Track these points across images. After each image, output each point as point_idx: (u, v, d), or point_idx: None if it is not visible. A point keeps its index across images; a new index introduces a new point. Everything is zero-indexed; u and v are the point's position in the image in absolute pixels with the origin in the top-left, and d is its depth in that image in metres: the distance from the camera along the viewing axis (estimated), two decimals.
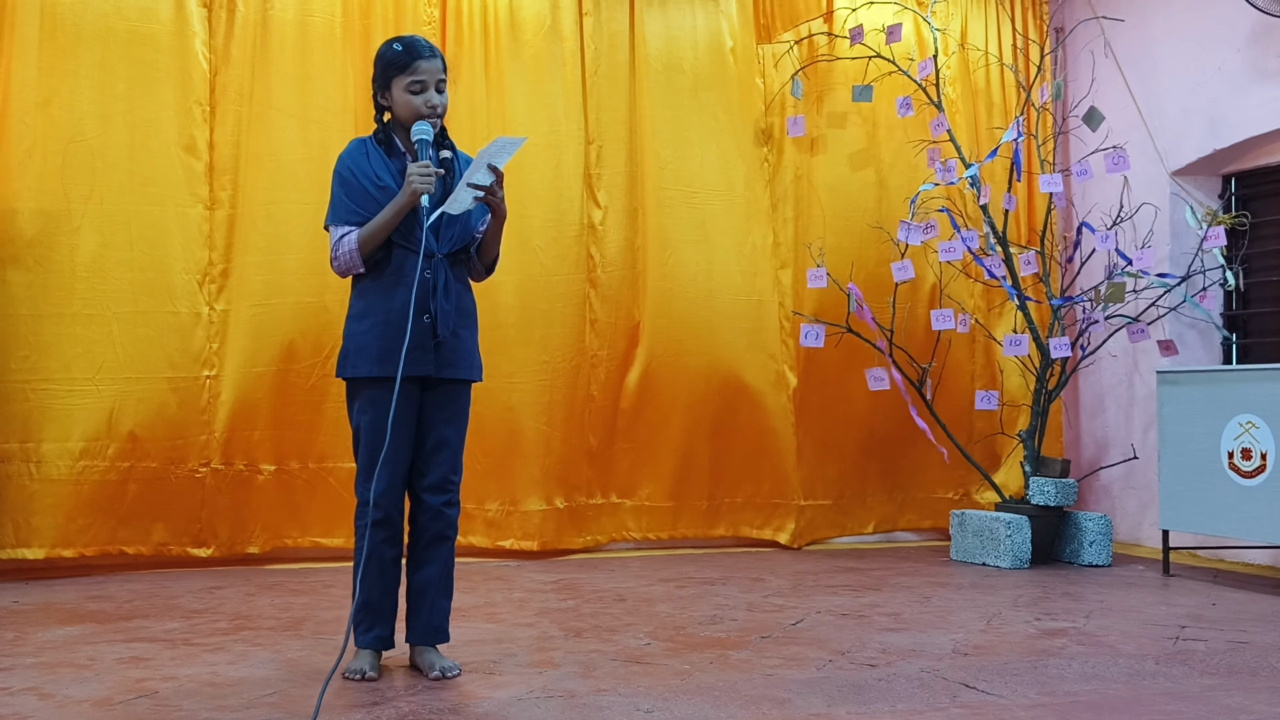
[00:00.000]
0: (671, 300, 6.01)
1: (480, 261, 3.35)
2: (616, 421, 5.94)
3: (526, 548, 5.67)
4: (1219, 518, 5.03)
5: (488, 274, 3.40)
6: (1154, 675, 3.29)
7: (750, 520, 6.15)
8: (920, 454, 6.33)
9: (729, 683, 3.15)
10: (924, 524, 6.49)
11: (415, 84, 3.15)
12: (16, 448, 5.02)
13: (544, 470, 5.75)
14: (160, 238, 5.24)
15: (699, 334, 6.04)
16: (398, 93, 3.17)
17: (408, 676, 3.21)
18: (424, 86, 3.16)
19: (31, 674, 3.21)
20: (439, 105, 3.19)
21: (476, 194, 3.08)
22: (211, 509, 5.24)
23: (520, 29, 5.86)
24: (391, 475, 3.14)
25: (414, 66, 3.14)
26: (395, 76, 3.17)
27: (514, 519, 5.70)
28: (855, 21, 6.29)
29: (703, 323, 6.05)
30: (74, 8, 5.17)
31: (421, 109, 3.16)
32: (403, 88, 3.16)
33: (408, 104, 3.16)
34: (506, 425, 5.70)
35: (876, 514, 6.42)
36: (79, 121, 5.16)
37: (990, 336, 6.45)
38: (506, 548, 5.66)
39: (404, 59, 3.15)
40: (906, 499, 6.47)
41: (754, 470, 6.12)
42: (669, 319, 6.00)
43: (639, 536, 5.98)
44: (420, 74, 3.15)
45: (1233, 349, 6.09)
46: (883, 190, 6.41)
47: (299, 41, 5.48)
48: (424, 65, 3.15)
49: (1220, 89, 5.89)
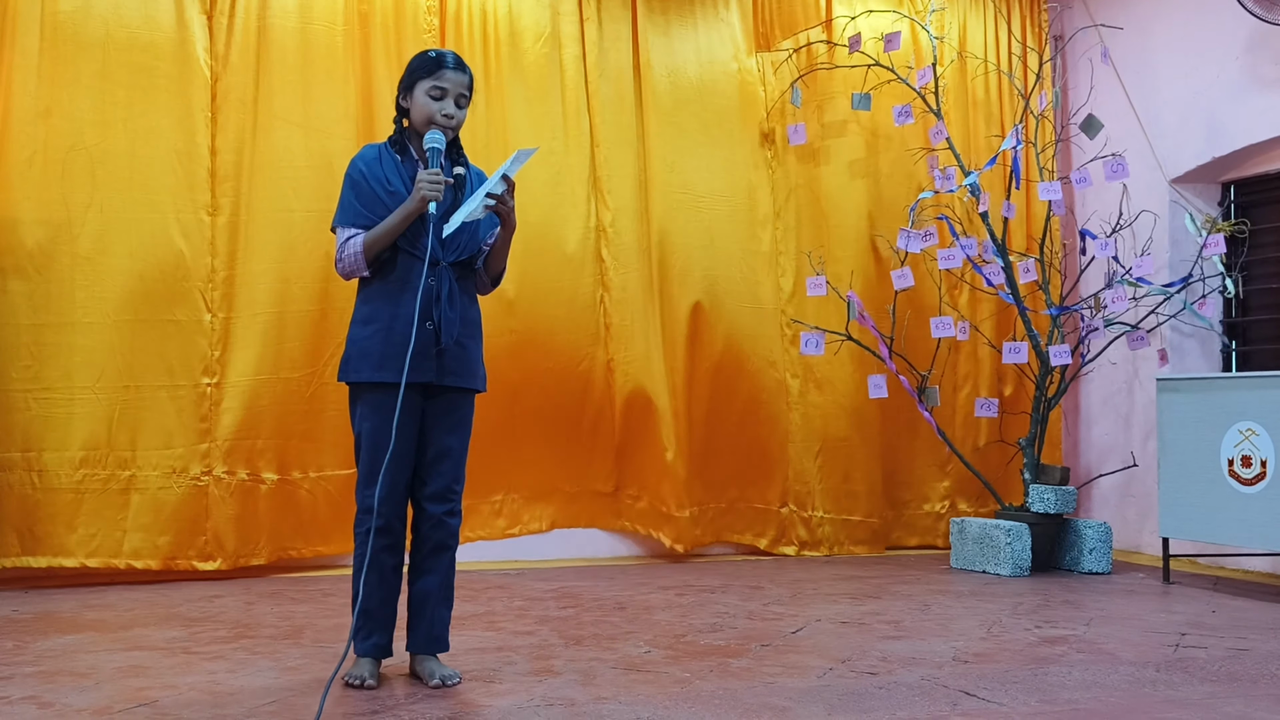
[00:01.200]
0: (679, 306, 6.03)
1: (487, 273, 3.35)
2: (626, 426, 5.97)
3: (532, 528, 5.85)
4: (1219, 525, 5.03)
5: (494, 286, 3.40)
6: (1154, 683, 3.29)
7: (753, 529, 6.16)
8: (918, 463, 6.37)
9: (729, 691, 3.15)
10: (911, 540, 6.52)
11: (436, 90, 3.17)
12: (18, 457, 5.01)
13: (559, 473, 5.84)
14: (161, 246, 5.24)
15: (707, 339, 6.08)
16: (418, 95, 3.19)
17: (408, 685, 3.21)
18: (444, 94, 3.18)
19: (31, 683, 3.20)
20: (455, 117, 3.20)
21: (488, 202, 3.09)
22: (214, 518, 5.23)
23: (520, 37, 5.88)
24: (393, 483, 3.13)
25: (440, 74, 3.17)
26: (420, 79, 3.19)
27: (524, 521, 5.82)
28: (854, 30, 6.31)
29: (708, 329, 6.08)
30: (74, 16, 5.17)
31: (436, 116, 3.17)
32: (424, 91, 3.18)
33: (425, 108, 3.18)
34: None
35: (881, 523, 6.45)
36: (79, 129, 5.16)
37: (990, 344, 6.45)
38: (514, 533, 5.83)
39: (432, 65, 3.18)
40: (897, 517, 6.48)
41: (762, 475, 6.14)
42: (676, 325, 6.01)
43: (657, 538, 5.99)
44: (444, 81, 3.17)
45: (1232, 356, 6.10)
46: (882, 198, 6.42)
47: (300, 49, 5.49)
48: (449, 75, 3.18)
49: (1219, 96, 5.90)
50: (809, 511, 6.21)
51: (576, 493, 5.92)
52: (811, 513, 6.20)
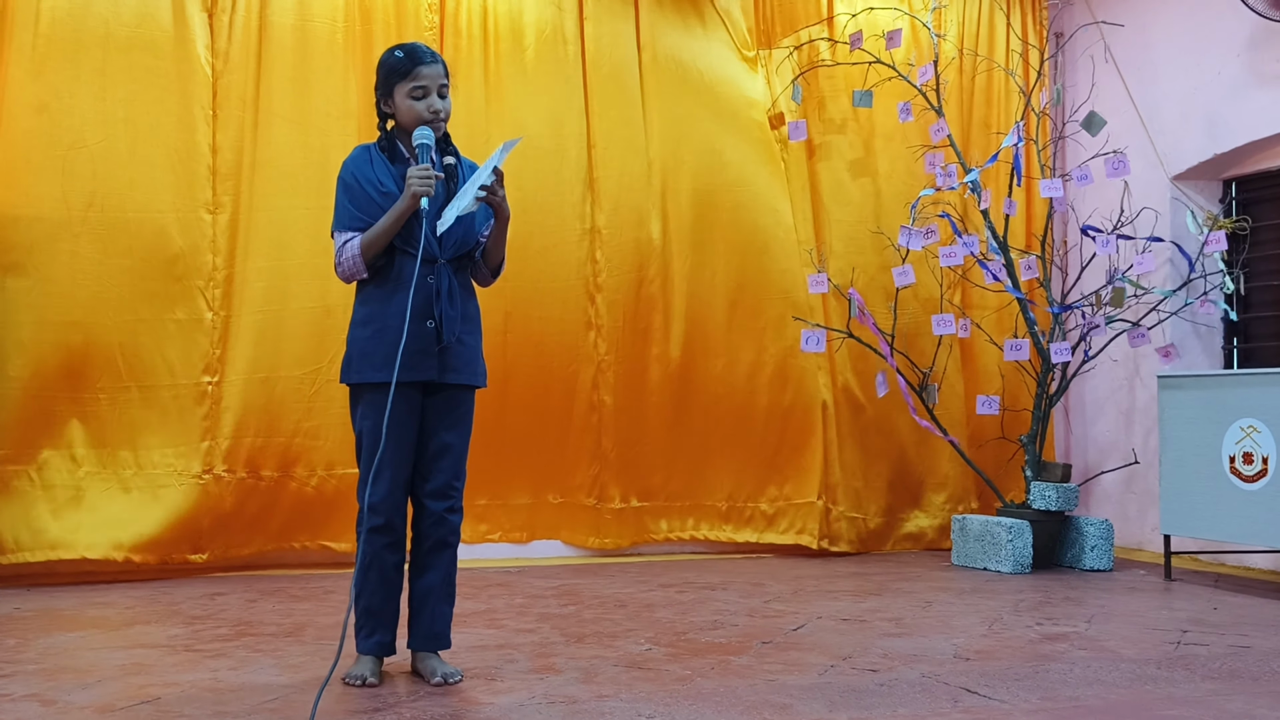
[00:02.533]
0: (682, 303, 6.03)
1: (486, 265, 3.35)
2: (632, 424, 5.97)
3: (517, 539, 5.82)
4: (1220, 522, 5.03)
5: (494, 277, 3.39)
6: (1156, 680, 3.29)
7: (775, 525, 6.14)
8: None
9: (730, 688, 3.15)
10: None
11: (417, 89, 3.16)
12: (17, 454, 5.01)
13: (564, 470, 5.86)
14: (162, 244, 5.24)
15: (708, 337, 6.08)
16: (400, 99, 3.18)
17: (409, 682, 3.21)
18: (426, 92, 3.16)
19: (33, 680, 3.21)
20: (441, 110, 3.19)
21: (479, 194, 3.08)
22: (214, 516, 5.23)
23: (521, 34, 5.87)
24: (393, 481, 3.13)
25: (416, 72, 3.15)
26: (398, 83, 3.17)
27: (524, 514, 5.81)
28: (855, 27, 6.30)
29: (714, 325, 6.08)
30: (73, 13, 5.17)
31: (424, 114, 3.16)
32: (405, 94, 3.16)
33: (410, 110, 3.17)
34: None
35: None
36: (79, 128, 5.16)
37: (991, 341, 6.44)
38: (495, 539, 5.81)
39: (405, 65, 3.16)
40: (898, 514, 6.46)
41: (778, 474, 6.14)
42: (681, 322, 6.02)
43: (660, 539, 5.99)
44: (422, 79, 3.15)
45: (1234, 353, 6.10)
46: (883, 195, 6.42)
47: (300, 46, 5.49)
48: (426, 71, 3.16)
49: (1220, 93, 5.89)
50: (824, 506, 6.17)
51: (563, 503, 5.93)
52: (835, 507, 6.17)
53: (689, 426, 6.04)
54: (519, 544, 5.83)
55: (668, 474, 6.01)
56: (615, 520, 5.89)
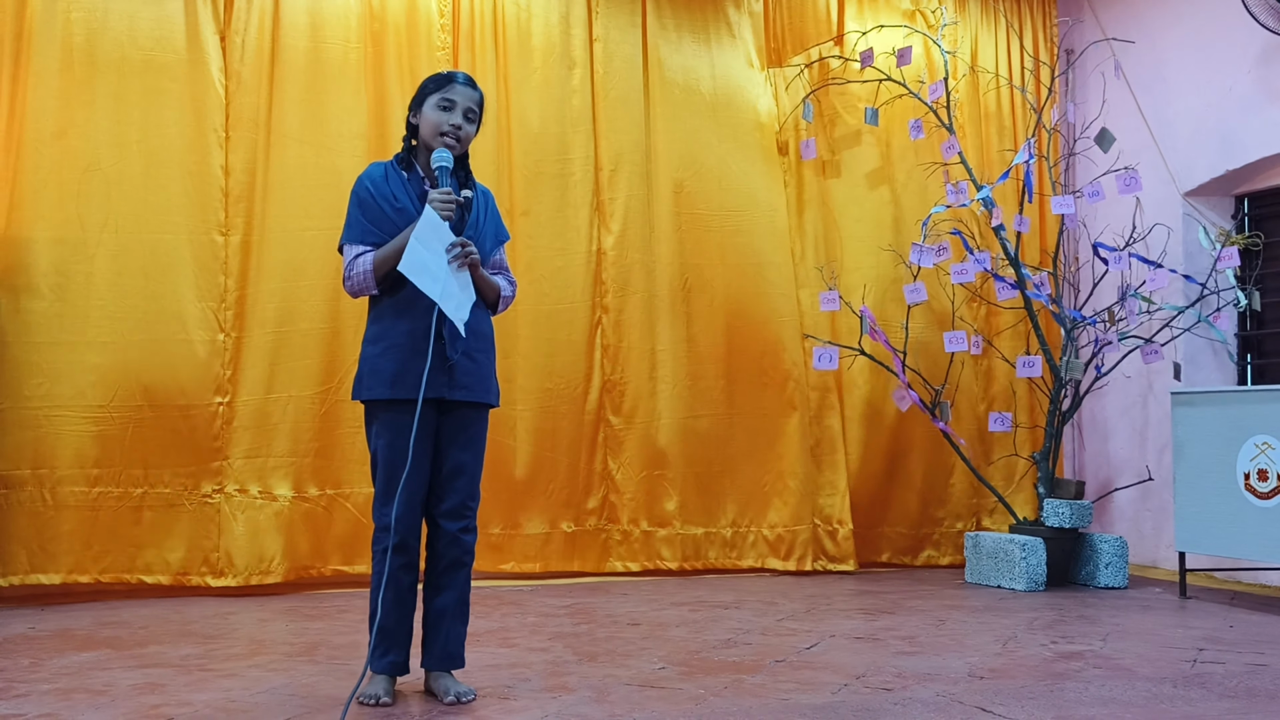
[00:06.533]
0: (688, 322, 6.04)
1: (485, 302, 3.34)
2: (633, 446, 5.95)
3: (529, 570, 5.75)
4: (1236, 539, 5.01)
5: (495, 311, 3.39)
6: (1171, 698, 3.27)
7: (773, 549, 6.11)
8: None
9: (744, 708, 3.14)
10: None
11: (445, 101, 3.20)
12: (31, 474, 5.04)
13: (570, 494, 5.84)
14: (175, 265, 5.27)
15: (719, 354, 6.09)
16: (427, 108, 3.22)
17: (423, 701, 3.21)
18: (452, 105, 3.20)
19: (47, 700, 3.21)
20: (461, 128, 3.21)
21: (459, 262, 3.09)
22: (227, 536, 5.24)
23: (530, 56, 5.90)
24: (409, 500, 3.13)
25: (449, 87, 3.21)
26: (431, 94, 3.22)
27: (530, 542, 5.74)
28: (865, 45, 6.32)
29: (724, 344, 6.08)
30: (90, 38, 5.22)
31: (443, 125, 3.18)
32: (433, 104, 3.21)
33: (432, 119, 3.20)
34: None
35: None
36: (95, 150, 5.20)
37: (1004, 358, 6.44)
38: (508, 570, 5.72)
39: (443, 80, 3.23)
40: (911, 531, 6.44)
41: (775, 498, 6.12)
42: (688, 341, 6.02)
43: (674, 567, 5.96)
44: (453, 94, 3.21)
45: (1248, 370, 6.07)
46: (895, 212, 6.43)
47: (313, 68, 5.53)
48: (459, 89, 3.22)
49: (1231, 109, 5.89)
50: (833, 525, 6.16)
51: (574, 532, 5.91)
52: (837, 526, 6.16)
53: (697, 444, 6.03)
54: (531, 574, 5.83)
55: (681, 499, 5.99)
56: (624, 543, 5.90)
